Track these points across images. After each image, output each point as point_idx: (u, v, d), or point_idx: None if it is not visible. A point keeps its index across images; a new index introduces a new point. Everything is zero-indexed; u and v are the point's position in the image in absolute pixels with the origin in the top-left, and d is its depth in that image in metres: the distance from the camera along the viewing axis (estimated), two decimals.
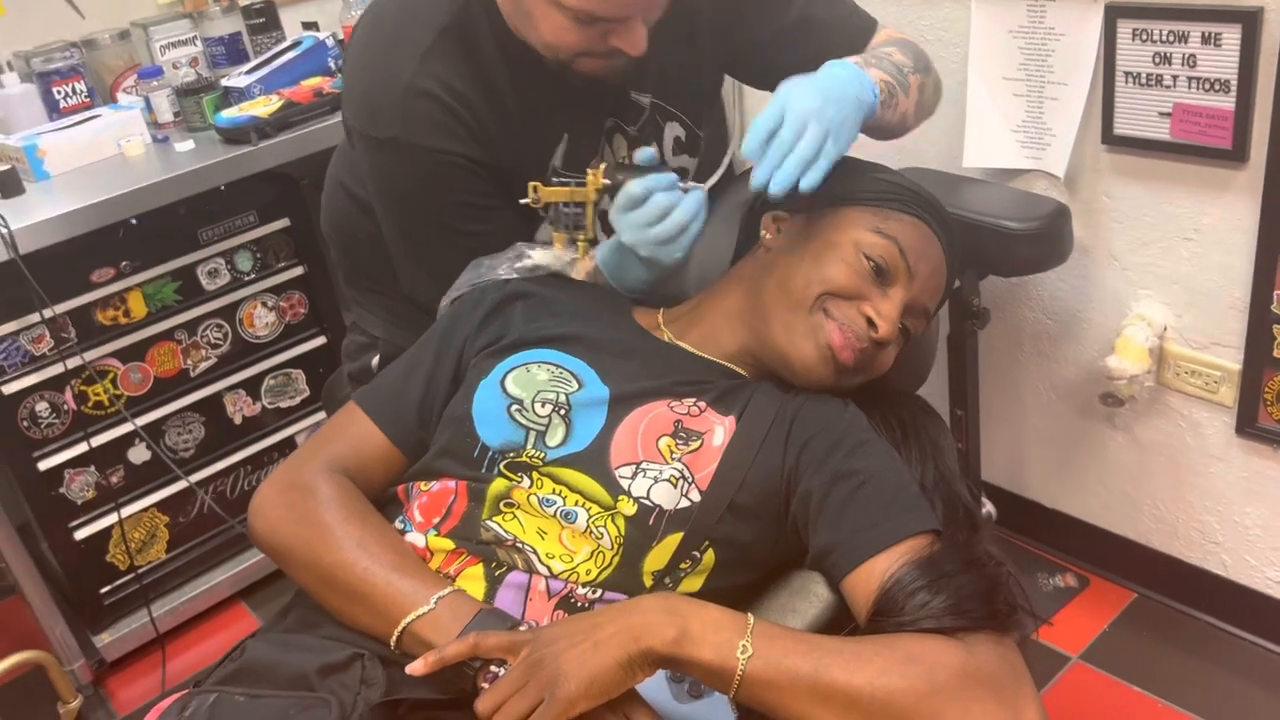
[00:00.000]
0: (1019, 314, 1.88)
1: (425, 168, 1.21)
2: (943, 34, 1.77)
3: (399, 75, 1.18)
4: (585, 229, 1.19)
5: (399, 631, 0.92)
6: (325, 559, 0.97)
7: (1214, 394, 1.68)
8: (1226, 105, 1.48)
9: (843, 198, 1.11)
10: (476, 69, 1.20)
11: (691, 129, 1.35)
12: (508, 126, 1.22)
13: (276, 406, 2.17)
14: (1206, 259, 1.61)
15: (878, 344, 1.06)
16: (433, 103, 1.18)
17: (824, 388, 1.08)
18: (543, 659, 0.82)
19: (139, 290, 1.92)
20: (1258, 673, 1.75)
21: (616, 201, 1.14)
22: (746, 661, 0.81)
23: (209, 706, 0.89)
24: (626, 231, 1.14)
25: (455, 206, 1.24)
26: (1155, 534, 1.88)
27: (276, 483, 1.06)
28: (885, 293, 1.07)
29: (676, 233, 1.11)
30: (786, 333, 1.06)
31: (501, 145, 1.22)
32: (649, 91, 1.29)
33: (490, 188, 1.24)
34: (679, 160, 1.36)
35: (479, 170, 1.22)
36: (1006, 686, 0.81)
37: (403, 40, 1.20)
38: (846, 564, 0.94)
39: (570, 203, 1.18)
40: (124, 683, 2.05)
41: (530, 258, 1.23)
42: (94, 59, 2.17)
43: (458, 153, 1.20)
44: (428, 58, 1.18)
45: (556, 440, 1.03)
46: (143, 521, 2.03)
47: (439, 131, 1.19)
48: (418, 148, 1.20)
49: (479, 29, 1.19)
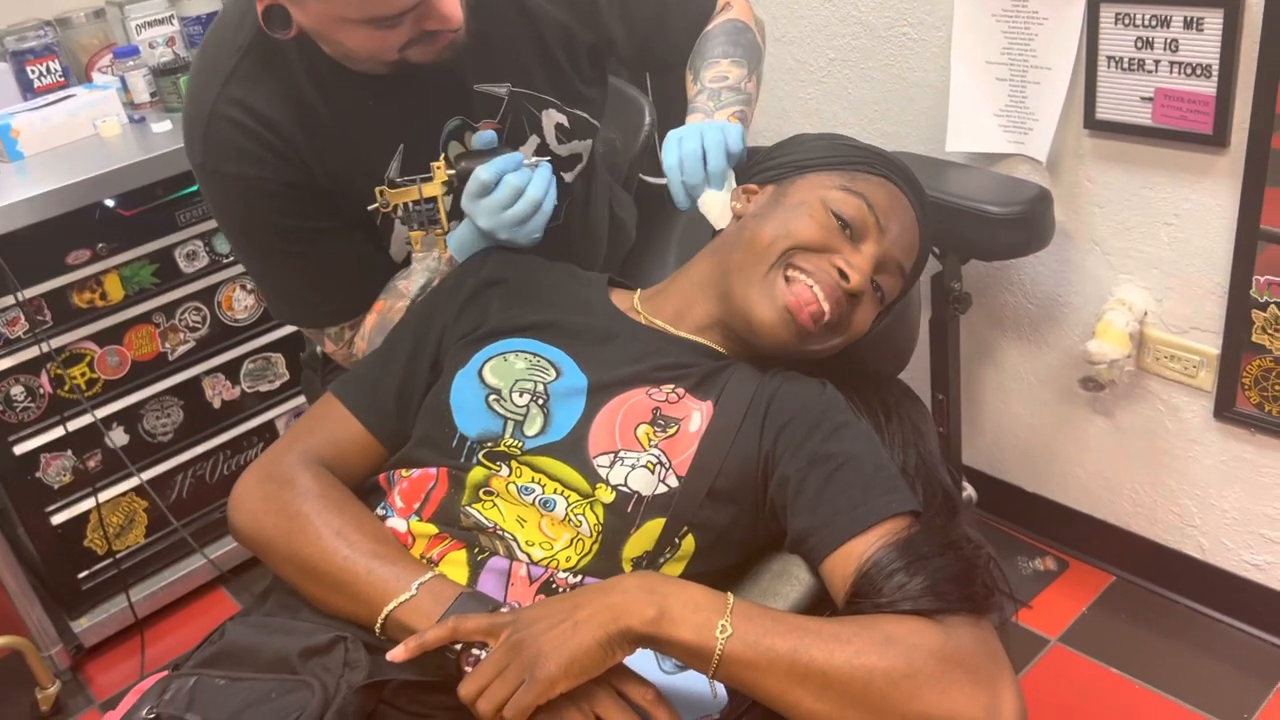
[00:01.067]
0: (1000, 298, 1.89)
1: (236, 193, 1.19)
2: (926, 17, 1.77)
3: (203, 101, 1.16)
4: (441, 223, 1.19)
5: (382, 618, 0.92)
6: (305, 550, 0.97)
7: (1193, 378, 1.69)
8: (1208, 90, 1.49)
9: (810, 164, 1.13)
10: (284, 89, 1.16)
11: (573, 113, 1.32)
12: (326, 145, 1.19)
13: (256, 390, 2.15)
14: (1187, 244, 1.62)
15: (851, 295, 1.06)
16: (234, 128, 1.15)
17: (791, 351, 1.08)
18: (522, 640, 0.82)
19: (116, 273, 1.90)
20: (1234, 654, 1.77)
21: (468, 189, 1.14)
22: (725, 641, 0.81)
23: (189, 689, 0.89)
24: (482, 217, 1.14)
25: (280, 230, 1.22)
26: (1134, 517, 1.89)
27: (254, 475, 1.06)
28: (857, 248, 1.07)
29: (532, 210, 1.13)
30: (745, 290, 1.07)
31: (320, 165, 1.19)
32: (506, 81, 1.25)
33: (315, 209, 1.21)
34: (569, 147, 1.33)
35: (295, 193, 1.19)
36: (983, 669, 0.82)
37: (209, 64, 1.18)
38: (825, 547, 0.94)
39: (421, 200, 1.18)
40: (102, 668, 2.04)
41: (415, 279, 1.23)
42: (69, 38, 2.14)
43: (266, 178, 1.17)
44: (230, 81, 1.16)
45: (534, 430, 1.02)
46: (121, 506, 2.02)
47: (243, 157, 1.16)
48: (224, 174, 1.18)
49: (285, 47, 1.14)
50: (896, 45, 1.84)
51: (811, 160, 1.13)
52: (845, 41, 1.91)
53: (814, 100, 2.02)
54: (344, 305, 1.29)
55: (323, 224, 1.22)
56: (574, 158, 1.35)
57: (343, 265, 1.27)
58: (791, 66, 2.02)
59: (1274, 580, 1.74)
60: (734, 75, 1.27)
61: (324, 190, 1.20)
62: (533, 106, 1.28)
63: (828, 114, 2.00)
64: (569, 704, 0.83)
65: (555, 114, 1.30)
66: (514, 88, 1.26)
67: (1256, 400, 1.63)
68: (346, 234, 1.24)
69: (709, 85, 1.27)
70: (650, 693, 0.85)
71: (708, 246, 1.17)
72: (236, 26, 1.17)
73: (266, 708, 0.85)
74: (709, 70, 1.28)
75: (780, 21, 1.99)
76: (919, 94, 1.84)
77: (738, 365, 1.09)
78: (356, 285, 1.28)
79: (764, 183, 1.16)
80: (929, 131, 1.85)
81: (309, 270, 1.26)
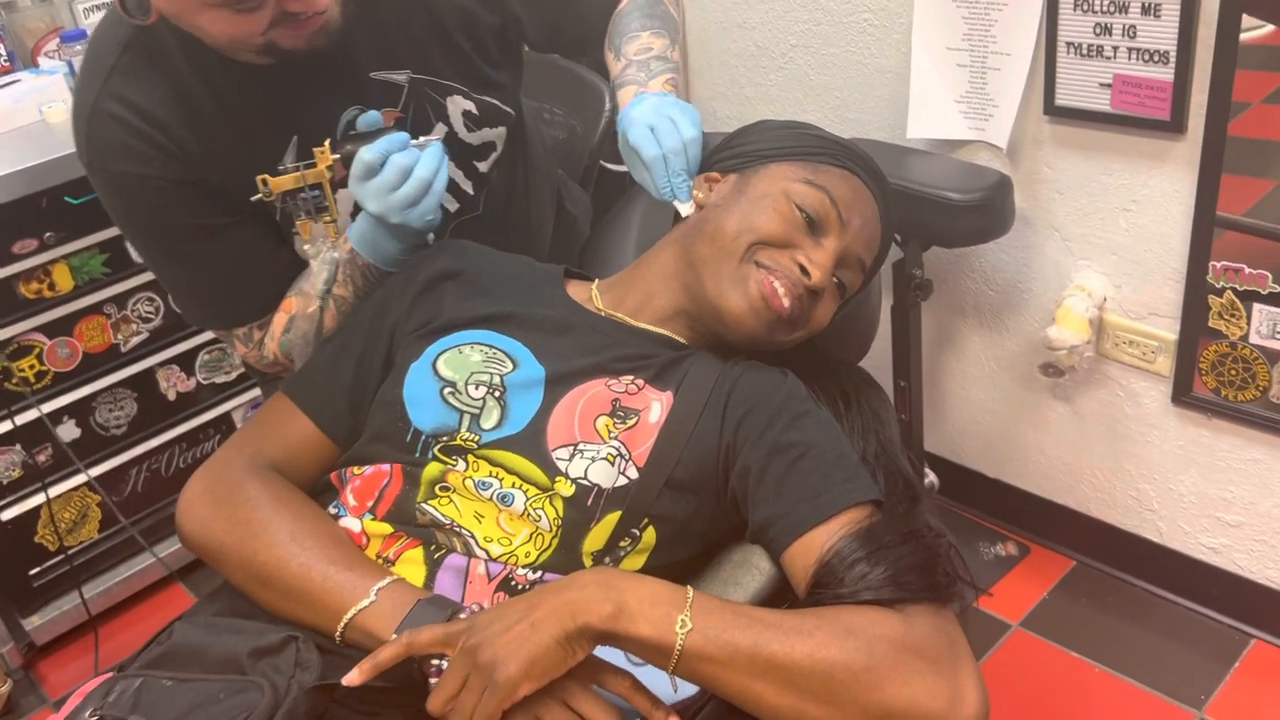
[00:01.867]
0: (962, 285, 1.89)
1: (126, 192, 1.17)
2: (887, 3, 1.76)
3: (85, 98, 1.14)
4: (329, 210, 1.15)
5: (342, 626, 0.90)
6: (259, 557, 0.95)
7: (1151, 364, 1.71)
8: (1165, 76, 1.49)
9: (774, 154, 1.11)
10: (168, 83, 1.13)
11: (481, 100, 1.29)
12: (215, 139, 1.16)
13: (212, 382, 2.11)
14: (1145, 230, 1.63)
15: (812, 292, 1.05)
16: (116, 124, 1.12)
17: (760, 342, 1.07)
18: (479, 645, 0.80)
19: (65, 263, 1.85)
20: (1192, 637, 1.79)
21: (353, 171, 1.11)
22: (685, 636, 0.80)
23: (134, 691, 0.86)
24: (370, 200, 1.11)
25: (175, 229, 1.19)
26: (1094, 502, 1.91)
27: (203, 480, 1.03)
28: (818, 242, 1.06)
29: (422, 191, 1.09)
30: (716, 282, 1.05)
31: (210, 160, 1.16)
32: (406, 68, 1.22)
33: (208, 206, 1.18)
34: (479, 135, 1.31)
35: (185, 190, 1.16)
36: (944, 659, 0.81)
37: (91, 59, 1.15)
38: (786, 537, 0.93)
39: (307, 187, 1.14)
40: (55, 666, 2.00)
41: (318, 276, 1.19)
42: (14, 21, 2.08)
43: (153, 175, 1.14)
44: (111, 77, 1.13)
45: (491, 423, 1.01)
46: (73, 501, 1.98)
47: (127, 155, 1.13)
48: (111, 173, 1.15)
49: (166, 41, 1.11)
50: (857, 31, 1.83)
51: (775, 150, 1.12)
52: (806, 28, 1.90)
53: (775, 86, 2.00)
54: (249, 305, 1.26)
55: (218, 221, 1.19)
56: (487, 146, 1.32)
57: (245, 263, 1.23)
58: (752, 52, 2.00)
59: (1229, 563, 1.77)
60: (657, 46, 1.26)
61: (216, 186, 1.17)
62: (436, 94, 1.25)
63: (789, 100, 1.99)
64: (541, 703, 0.82)
65: (462, 101, 1.27)
66: (415, 74, 1.23)
67: (1213, 385, 1.64)
68: (246, 230, 1.21)
69: (635, 58, 1.25)
70: (628, 681, 0.84)
71: (669, 236, 1.16)
72: (117, 21, 1.13)
73: (215, 709, 0.83)
74: (631, 45, 1.27)
75: (741, 6, 1.98)
76: (880, 80, 1.84)
77: (698, 355, 1.08)
78: (261, 284, 1.25)
79: (727, 171, 1.14)
80: (890, 118, 1.84)
81: (210, 269, 1.22)
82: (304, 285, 1.23)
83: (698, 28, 2.07)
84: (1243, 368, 1.60)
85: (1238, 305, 1.56)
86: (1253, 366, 1.59)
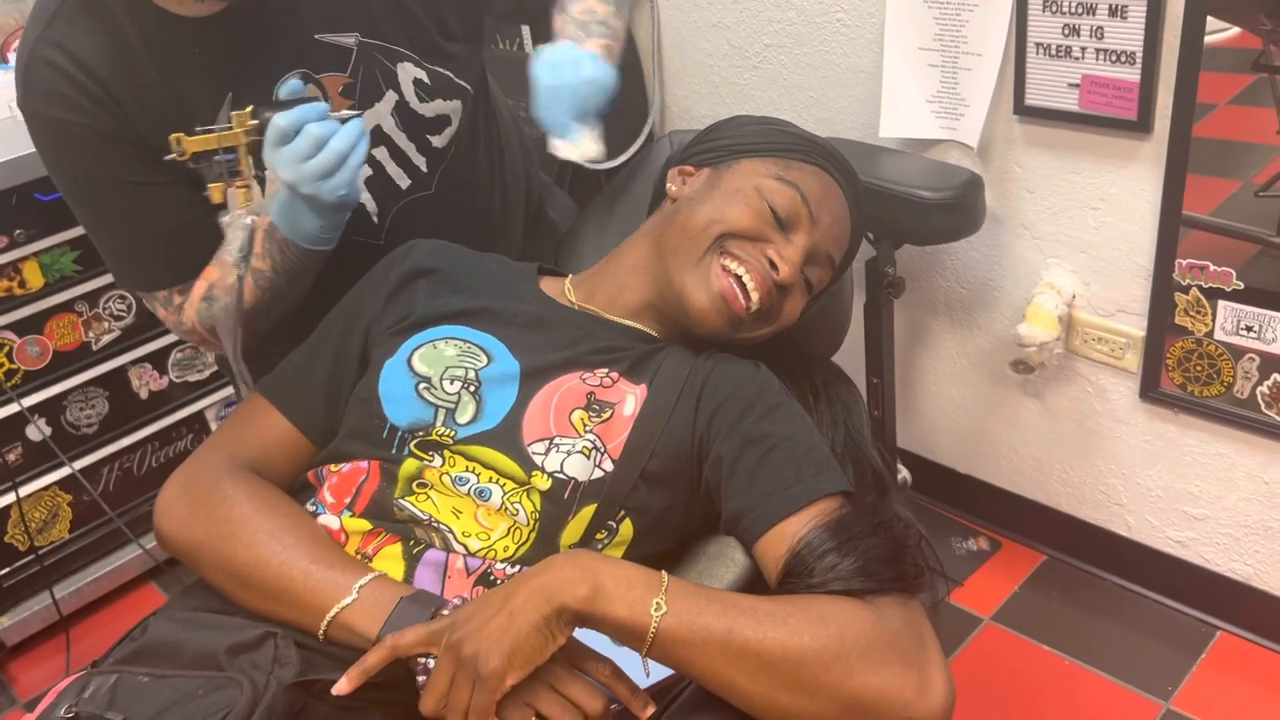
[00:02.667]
0: (933, 283, 1.91)
1: (54, 139, 1.16)
2: (859, 4, 1.78)
3: (27, 41, 1.14)
4: (242, 174, 1.11)
5: (325, 625, 0.90)
6: (239, 556, 0.94)
7: (1119, 360, 1.73)
8: (1132, 77, 1.52)
9: (747, 149, 1.13)
10: (105, 34, 1.12)
11: (433, 69, 1.27)
12: (149, 93, 1.14)
13: (185, 380, 2.10)
14: (1113, 228, 1.65)
15: (780, 287, 1.06)
16: (51, 70, 1.12)
17: (724, 337, 1.08)
18: (462, 640, 0.81)
19: (35, 260, 1.83)
20: (1159, 629, 1.81)
21: (267, 137, 1.08)
22: (660, 618, 0.81)
23: (110, 687, 0.86)
24: (283, 168, 1.08)
25: (100, 180, 1.18)
26: (1063, 497, 1.93)
27: (180, 481, 1.03)
28: (788, 238, 1.08)
29: (336, 164, 1.06)
30: (681, 275, 1.06)
31: (142, 115, 1.14)
32: (355, 31, 1.20)
33: (135, 162, 1.16)
34: (433, 106, 1.28)
35: (112, 143, 1.15)
36: (911, 649, 0.82)
37: (39, 6, 1.15)
38: (758, 528, 0.94)
39: (221, 150, 1.10)
40: (26, 667, 1.98)
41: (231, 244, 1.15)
42: None
43: (81, 123, 1.13)
44: (53, 23, 1.12)
45: (467, 417, 1.01)
46: (44, 500, 1.96)
47: (56, 100, 1.12)
48: (41, 117, 1.15)
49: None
50: (830, 31, 1.84)
51: (748, 145, 1.13)
52: (780, 27, 1.91)
53: (749, 85, 2.02)
54: (171, 268, 1.23)
55: (147, 179, 1.17)
56: (441, 119, 1.30)
57: (170, 225, 1.21)
58: (727, 51, 2.01)
59: (1196, 556, 1.79)
60: (601, 11, 1.27)
61: (144, 141, 1.15)
62: (386, 59, 1.24)
63: (763, 99, 2.01)
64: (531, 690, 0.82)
65: (412, 69, 1.25)
66: (363, 38, 1.21)
67: (1180, 381, 1.67)
68: (175, 192, 1.18)
69: (577, 17, 1.26)
70: (608, 668, 0.85)
71: (641, 229, 1.17)
72: None
73: (192, 705, 0.83)
74: (576, 5, 1.28)
75: (716, 6, 1.99)
76: (852, 80, 1.85)
77: (671, 348, 1.09)
78: (185, 247, 1.22)
79: (700, 165, 1.15)
80: (862, 117, 1.86)
81: (134, 228, 1.21)
82: (221, 253, 1.19)
83: (673, 28, 2.08)
84: (1208, 364, 1.63)
85: (1203, 302, 1.58)
86: (1217, 362, 1.61)
